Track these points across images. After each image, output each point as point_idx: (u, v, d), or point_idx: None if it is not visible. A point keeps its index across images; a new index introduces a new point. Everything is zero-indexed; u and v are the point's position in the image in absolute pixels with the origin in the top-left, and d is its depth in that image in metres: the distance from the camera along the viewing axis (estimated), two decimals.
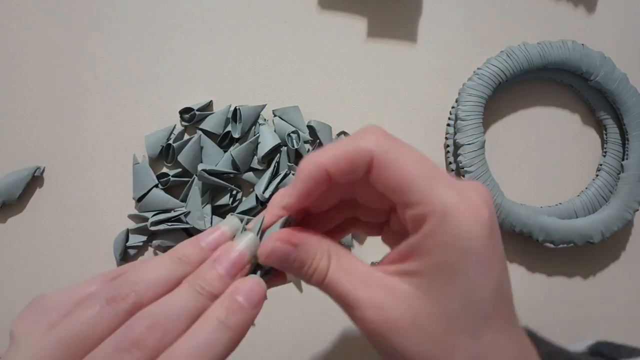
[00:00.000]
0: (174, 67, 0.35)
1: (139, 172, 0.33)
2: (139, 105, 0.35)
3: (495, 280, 0.19)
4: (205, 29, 0.35)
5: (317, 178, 0.19)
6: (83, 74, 0.35)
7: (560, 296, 0.35)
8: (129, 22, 0.35)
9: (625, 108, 0.34)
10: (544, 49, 0.34)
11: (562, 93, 0.37)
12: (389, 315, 0.19)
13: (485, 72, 0.33)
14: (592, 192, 0.35)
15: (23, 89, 0.34)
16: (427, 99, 0.36)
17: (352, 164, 0.19)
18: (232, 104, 0.35)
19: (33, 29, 0.35)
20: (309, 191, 0.20)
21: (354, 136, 0.20)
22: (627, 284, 0.35)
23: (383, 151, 0.19)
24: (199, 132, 0.34)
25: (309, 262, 0.20)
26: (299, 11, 0.36)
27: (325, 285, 0.20)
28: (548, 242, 0.33)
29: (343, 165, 0.19)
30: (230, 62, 0.35)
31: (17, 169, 0.33)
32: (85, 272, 0.33)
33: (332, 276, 0.20)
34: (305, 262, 0.20)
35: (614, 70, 0.34)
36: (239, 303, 0.20)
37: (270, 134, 0.33)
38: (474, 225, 0.18)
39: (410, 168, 0.19)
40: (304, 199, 0.20)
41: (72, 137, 0.34)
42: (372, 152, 0.19)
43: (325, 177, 0.19)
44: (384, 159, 0.19)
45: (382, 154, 0.19)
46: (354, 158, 0.19)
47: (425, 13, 0.37)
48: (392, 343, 0.19)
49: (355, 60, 0.36)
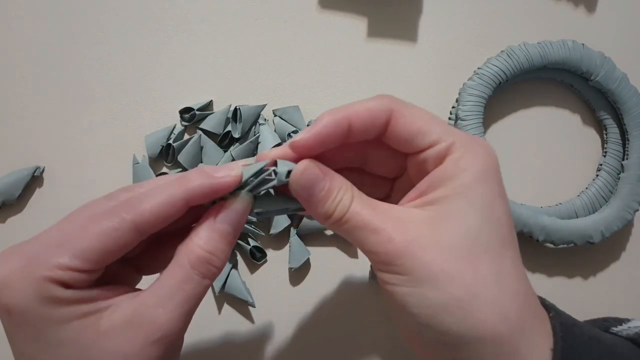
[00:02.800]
0: (174, 67, 0.35)
1: (139, 172, 0.33)
2: (139, 105, 0.35)
3: (508, 209, 0.20)
4: (206, 29, 0.35)
5: (337, 125, 0.20)
6: (83, 73, 0.35)
7: (560, 296, 0.35)
8: (129, 21, 0.35)
9: (626, 108, 0.34)
10: (544, 48, 0.34)
11: (562, 93, 0.37)
12: (413, 235, 0.19)
13: (485, 72, 0.33)
14: (592, 192, 0.35)
15: (23, 89, 0.34)
16: (427, 99, 0.36)
17: (373, 118, 0.20)
18: (232, 103, 0.34)
19: (33, 28, 0.35)
20: (326, 136, 0.20)
21: (369, 98, 0.21)
22: (627, 284, 0.35)
23: (400, 105, 0.21)
24: (199, 132, 0.34)
25: (335, 192, 0.20)
26: (299, 11, 0.36)
27: (346, 217, 0.20)
28: (548, 242, 0.33)
29: (365, 117, 0.20)
30: (230, 62, 0.35)
31: (17, 169, 0.33)
32: None
33: (355, 208, 0.20)
34: (332, 191, 0.20)
35: (614, 70, 0.34)
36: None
37: (270, 134, 0.33)
38: (486, 155, 0.20)
39: (426, 115, 0.21)
40: (318, 142, 0.20)
41: (72, 137, 0.34)
42: (391, 106, 0.21)
43: (345, 127, 0.20)
44: (403, 110, 0.21)
45: (400, 107, 0.21)
46: (375, 112, 0.20)
47: (425, 13, 0.37)
48: (415, 264, 0.18)
49: (355, 60, 0.36)
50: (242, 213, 0.21)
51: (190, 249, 0.20)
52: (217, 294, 0.33)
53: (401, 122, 0.20)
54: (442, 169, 0.20)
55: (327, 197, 0.20)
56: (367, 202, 0.20)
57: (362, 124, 0.20)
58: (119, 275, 0.23)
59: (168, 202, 0.20)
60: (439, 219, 0.19)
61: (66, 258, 0.19)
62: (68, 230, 0.20)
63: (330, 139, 0.20)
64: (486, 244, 0.19)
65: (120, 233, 0.19)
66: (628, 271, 0.36)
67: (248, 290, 0.32)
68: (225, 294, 0.33)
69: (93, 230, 0.19)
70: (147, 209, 0.20)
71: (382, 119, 0.20)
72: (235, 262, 0.33)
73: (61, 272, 0.19)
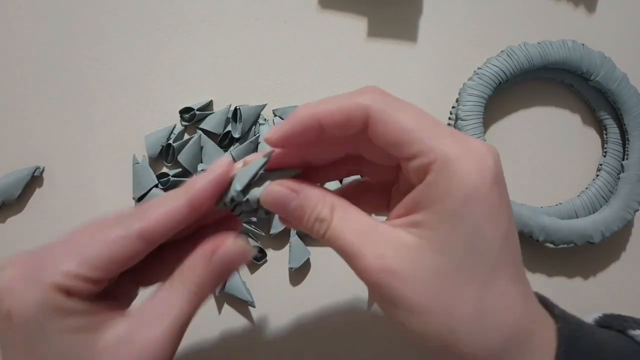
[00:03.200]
0: (174, 67, 0.35)
1: (139, 172, 0.33)
2: (139, 105, 0.35)
3: (502, 230, 0.18)
4: (206, 29, 0.35)
5: (306, 123, 0.19)
6: (83, 73, 0.35)
7: (561, 296, 0.35)
8: (129, 21, 0.35)
9: (626, 108, 0.34)
10: (544, 48, 0.34)
11: (562, 93, 0.37)
12: (391, 265, 0.18)
13: (485, 72, 0.33)
14: (592, 192, 0.35)
15: (23, 89, 0.34)
16: (427, 99, 0.36)
17: (347, 118, 0.19)
18: (232, 103, 0.34)
19: (33, 28, 0.35)
20: (295, 133, 0.20)
21: (352, 93, 0.19)
22: (627, 284, 0.35)
23: (379, 107, 0.19)
24: (199, 132, 0.34)
25: (309, 210, 0.19)
26: (299, 11, 0.36)
27: (327, 236, 0.19)
28: (548, 242, 0.33)
29: (337, 117, 0.19)
30: (230, 62, 0.35)
31: (17, 169, 0.33)
32: None
33: (335, 227, 0.19)
34: (305, 210, 0.20)
35: (614, 70, 0.34)
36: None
37: None
38: (477, 172, 0.18)
39: (408, 122, 0.18)
40: (287, 138, 0.20)
41: (72, 137, 0.34)
42: (368, 107, 0.19)
43: (316, 126, 0.19)
44: (381, 114, 0.19)
45: (379, 109, 0.19)
46: (349, 112, 0.19)
47: (425, 13, 0.37)
48: (393, 294, 0.18)
49: (355, 59, 0.36)
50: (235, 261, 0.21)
51: (184, 277, 0.21)
52: (217, 294, 0.33)
53: (379, 128, 0.19)
54: (425, 189, 0.18)
55: (301, 214, 0.20)
56: (348, 218, 0.19)
57: (334, 123, 0.19)
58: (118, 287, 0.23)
59: (173, 209, 0.20)
60: (421, 248, 0.18)
61: (73, 265, 0.19)
62: (76, 238, 0.20)
63: (302, 136, 0.20)
64: (471, 275, 0.18)
65: (128, 241, 0.19)
66: (628, 271, 0.36)
67: (248, 290, 0.32)
68: (225, 294, 0.33)
69: (101, 238, 0.19)
70: (153, 216, 0.20)
71: (357, 120, 0.19)
72: None
73: (67, 279, 0.18)
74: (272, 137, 0.20)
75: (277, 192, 0.20)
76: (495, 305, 0.18)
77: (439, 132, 0.18)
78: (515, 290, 0.19)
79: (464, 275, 0.18)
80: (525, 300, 0.19)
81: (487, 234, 0.18)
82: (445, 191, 0.18)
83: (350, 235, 0.19)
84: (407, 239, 0.18)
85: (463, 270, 0.18)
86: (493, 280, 0.18)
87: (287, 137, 0.20)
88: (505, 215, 0.19)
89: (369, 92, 0.19)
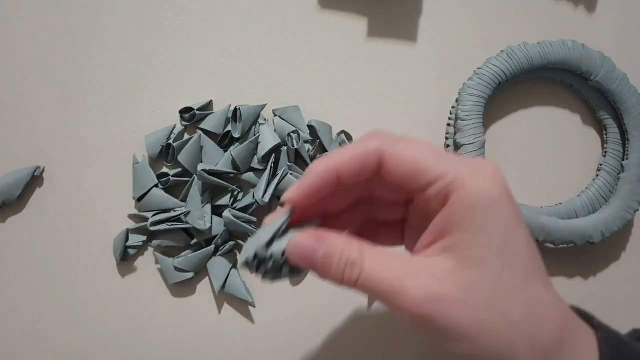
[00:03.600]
0: (174, 67, 0.35)
1: (139, 172, 0.33)
2: (139, 105, 0.35)
3: (525, 235, 0.19)
4: (206, 29, 0.35)
5: (325, 178, 0.20)
6: (83, 73, 0.35)
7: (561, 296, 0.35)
8: (129, 21, 0.35)
9: (626, 108, 0.34)
10: (544, 49, 0.34)
11: (562, 93, 0.37)
12: (438, 292, 0.18)
13: (485, 72, 0.33)
14: (592, 192, 0.35)
15: (23, 88, 0.34)
16: (427, 99, 0.36)
17: (362, 164, 0.20)
18: (232, 103, 0.34)
19: (33, 28, 0.35)
20: (315, 189, 0.20)
21: (361, 140, 0.21)
22: (627, 284, 0.35)
23: (391, 146, 0.20)
24: (199, 132, 0.34)
25: (338, 256, 0.19)
26: (299, 11, 0.36)
27: (362, 280, 0.19)
28: (548, 242, 0.33)
29: (354, 166, 0.20)
30: (230, 62, 0.35)
31: (17, 169, 0.33)
32: (85, 271, 0.33)
33: (369, 267, 0.19)
34: (333, 257, 0.19)
35: (614, 70, 0.34)
36: None
37: (270, 134, 0.33)
38: (490, 186, 0.19)
39: (419, 153, 0.20)
40: (308, 196, 0.20)
41: (72, 137, 0.34)
42: (380, 149, 0.20)
43: (334, 179, 0.20)
44: (394, 151, 0.20)
45: (391, 148, 0.20)
46: (364, 158, 0.20)
47: (425, 13, 0.37)
48: (445, 322, 0.18)
49: (355, 59, 0.36)
50: None
51: None
52: (217, 294, 0.33)
53: (393, 165, 0.20)
54: (450, 211, 0.19)
55: (329, 264, 0.19)
56: (381, 257, 0.19)
57: (352, 172, 0.20)
58: None
59: None
60: (460, 269, 0.18)
61: None
62: None
63: (321, 191, 0.20)
64: (512, 282, 0.19)
65: None
66: (628, 271, 0.36)
67: (248, 290, 0.32)
68: (225, 294, 0.33)
69: None
70: None
71: (372, 163, 0.20)
72: (235, 262, 0.33)
73: None
74: (293, 196, 0.20)
75: (302, 243, 0.20)
76: (539, 306, 0.19)
77: (448, 158, 0.19)
78: (551, 292, 0.20)
79: (506, 284, 0.18)
80: (561, 301, 0.20)
81: (514, 241, 0.19)
82: (468, 209, 0.18)
83: (388, 273, 0.19)
84: (445, 265, 0.19)
85: (503, 280, 0.18)
86: (530, 284, 0.19)
87: (308, 195, 0.20)
88: (523, 222, 0.20)
89: (377, 135, 0.20)
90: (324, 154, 0.33)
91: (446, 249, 0.19)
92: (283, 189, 0.32)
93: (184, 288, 0.33)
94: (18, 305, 0.33)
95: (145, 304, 0.33)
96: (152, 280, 0.33)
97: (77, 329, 0.33)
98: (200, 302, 0.33)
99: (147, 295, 0.33)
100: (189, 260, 0.32)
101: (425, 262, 0.19)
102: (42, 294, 0.33)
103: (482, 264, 0.18)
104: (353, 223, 0.24)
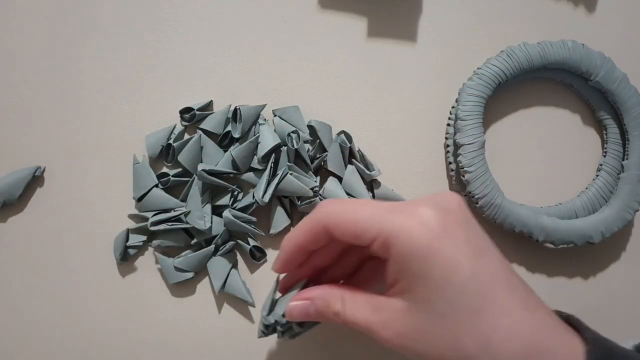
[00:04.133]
0: (174, 67, 0.35)
1: (139, 172, 0.33)
2: (139, 105, 0.35)
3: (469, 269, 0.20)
4: (206, 29, 0.35)
5: (292, 251, 0.25)
6: (83, 73, 0.35)
7: (561, 296, 0.35)
8: (128, 21, 0.35)
9: (626, 108, 0.34)
10: (544, 49, 0.34)
11: (562, 93, 0.37)
12: (398, 330, 0.21)
13: (485, 72, 0.33)
14: (592, 193, 0.35)
15: (23, 88, 0.34)
16: (427, 99, 0.36)
17: (315, 236, 0.24)
18: (232, 103, 0.35)
19: (32, 29, 0.35)
20: (289, 260, 0.25)
21: (311, 213, 0.24)
22: (627, 284, 0.35)
23: (332, 217, 0.23)
24: (199, 132, 0.34)
25: (325, 309, 0.24)
26: (299, 11, 0.36)
27: (346, 322, 0.23)
28: (548, 243, 0.33)
29: (309, 238, 0.24)
30: (230, 62, 0.35)
31: (17, 169, 0.33)
32: (85, 271, 0.33)
33: (349, 314, 0.23)
34: (322, 310, 0.24)
35: (614, 70, 0.34)
36: None
37: (270, 134, 0.33)
38: (424, 233, 0.21)
39: (359, 216, 0.22)
40: (286, 265, 0.26)
41: (72, 137, 0.34)
42: (323, 221, 0.23)
43: (302, 249, 0.25)
44: (336, 220, 0.23)
45: (332, 219, 0.23)
46: (314, 231, 0.24)
47: (425, 13, 0.37)
48: (412, 352, 0.21)
49: (355, 59, 0.36)
50: None
51: None
52: (217, 294, 0.33)
53: (338, 231, 0.23)
54: (392, 262, 0.22)
55: (322, 314, 0.24)
56: (358, 303, 0.23)
57: (309, 242, 0.24)
58: None
59: None
60: (412, 309, 0.21)
61: None
62: None
63: (295, 260, 0.25)
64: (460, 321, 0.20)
65: None
66: (628, 271, 0.36)
67: (248, 290, 0.33)
68: (225, 294, 0.33)
69: None
70: None
71: (321, 233, 0.24)
72: (235, 262, 0.33)
73: None
74: (274, 268, 0.26)
75: (295, 306, 0.25)
76: (495, 335, 0.20)
77: (384, 214, 0.22)
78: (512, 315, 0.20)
79: (452, 321, 0.20)
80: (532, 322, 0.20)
81: (455, 280, 0.20)
82: (405, 260, 0.21)
83: (362, 317, 0.23)
84: (399, 305, 0.22)
85: (449, 318, 0.20)
86: (481, 316, 0.20)
87: (286, 265, 0.26)
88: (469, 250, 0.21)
89: (322, 207, 0.24)
90: (323, 154, 0.33)
91: (400, 291, 0.22)
92: (283, 189, 0.32)
93: (184, 288, 0.33)
94: (18, 305, 0.33)
95: (145, 303, 0.33)
96: (152, 280, 0.33)
97: (77, 328, 0.33)
98: (200, 302, 0.33)
99: (147, 295, 0.33)
100: (189, 260, 0.32)
101: (388, 303, 0.22)
102: (42, 293, 0.33)
103: (427, 305, 0.21)
104: (347, 267, 0.27)
